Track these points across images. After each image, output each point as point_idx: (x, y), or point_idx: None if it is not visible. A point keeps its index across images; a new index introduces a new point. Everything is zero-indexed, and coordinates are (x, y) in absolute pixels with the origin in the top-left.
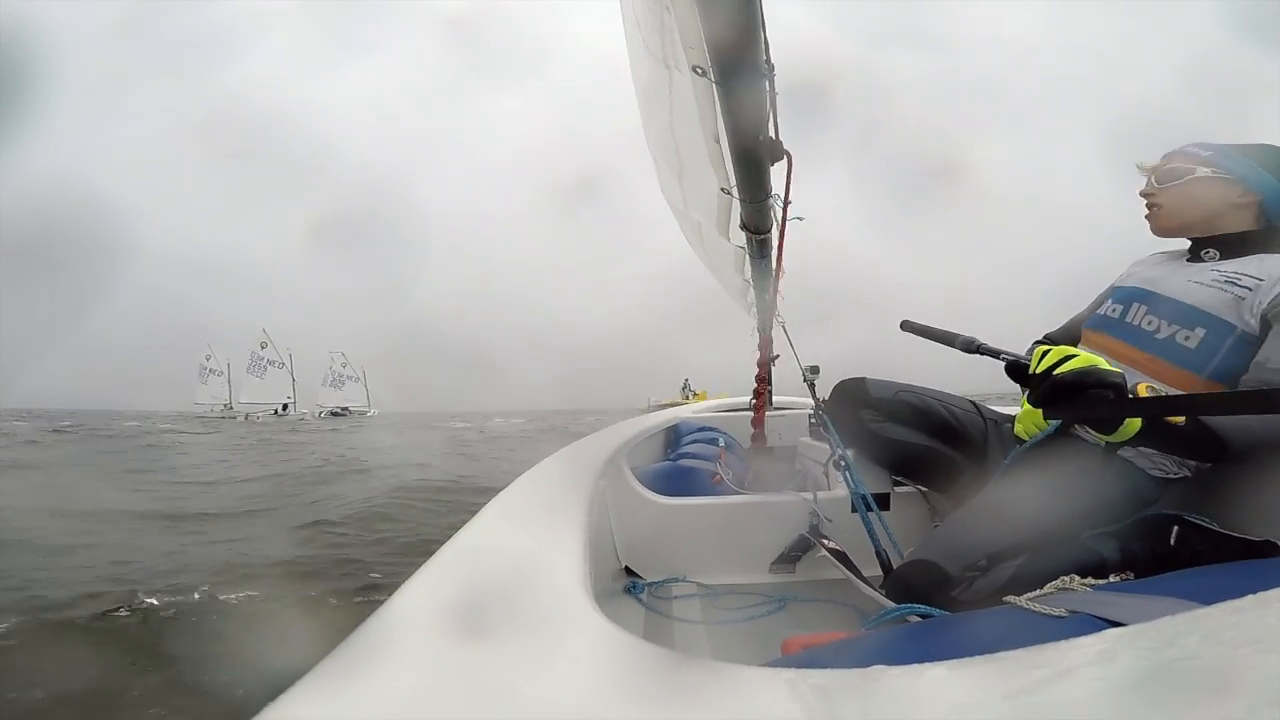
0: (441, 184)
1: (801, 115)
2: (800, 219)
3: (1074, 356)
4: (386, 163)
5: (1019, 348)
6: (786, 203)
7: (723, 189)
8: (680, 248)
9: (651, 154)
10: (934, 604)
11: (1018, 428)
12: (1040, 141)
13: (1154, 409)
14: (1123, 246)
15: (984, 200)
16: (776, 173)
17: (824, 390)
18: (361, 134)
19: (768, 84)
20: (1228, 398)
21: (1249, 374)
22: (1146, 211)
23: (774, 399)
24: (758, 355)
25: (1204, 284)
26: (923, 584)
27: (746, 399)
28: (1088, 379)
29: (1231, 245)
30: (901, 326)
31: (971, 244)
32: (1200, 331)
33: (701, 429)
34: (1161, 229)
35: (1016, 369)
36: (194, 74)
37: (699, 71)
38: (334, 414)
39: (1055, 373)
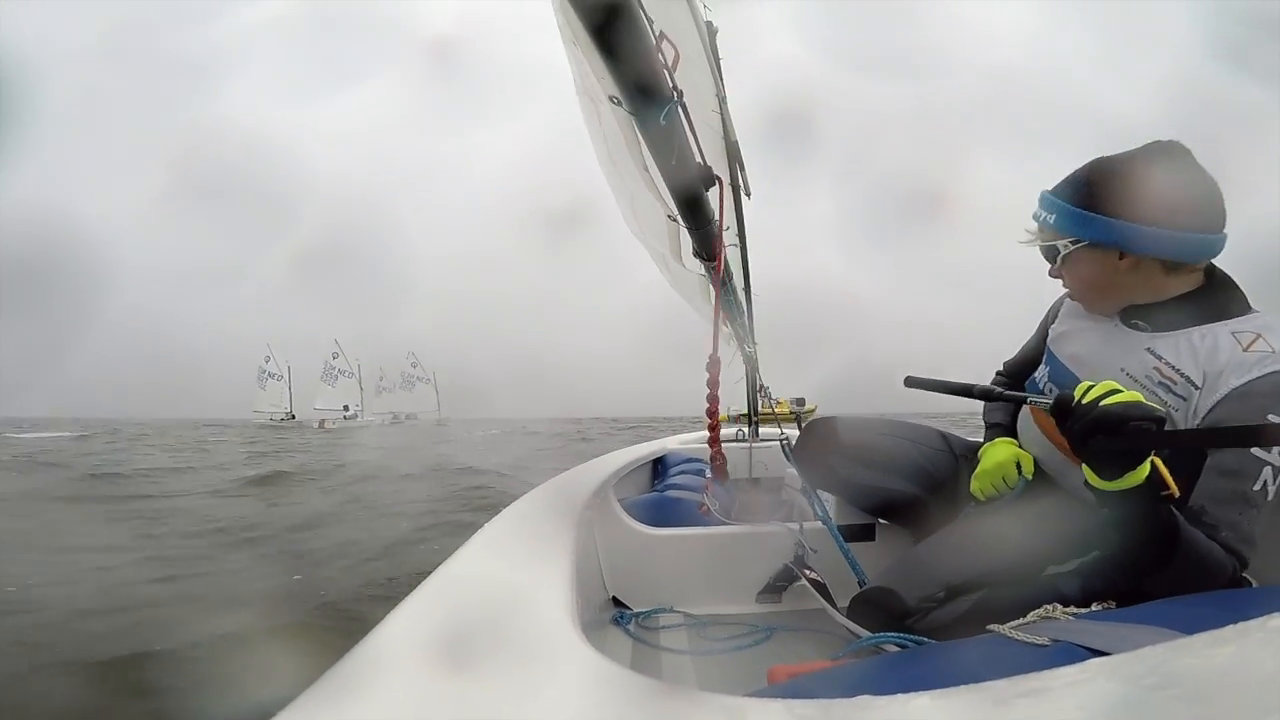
0: (440, 210)
1: (785, 144)
2: (736, 245)
3: (1119, 391)
4: (377, 191)
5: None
6: (721, 228)
7: (669, 216)
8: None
9: (609, 185)
10: (892, 630)
11: (974, 486)
12: (1024, 165)
13: (1194, 440)
14: None
15: (968, 225)
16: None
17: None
18: (347, 162)
19: (680, 110)
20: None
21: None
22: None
23: (759, 430)
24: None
25: (1138, 381)
26: (879, 611)
27: (734, 430)
28: (1133, 412)
29: (1160, 318)
30: (906, 383)
31: (957, 270)
32: None
33: (689, 460)
34: (1092, 313)
35: (1062, 405)
36: (175, 104)
37: (615, 101)
38: (401, 419)
39: (1102, 404)
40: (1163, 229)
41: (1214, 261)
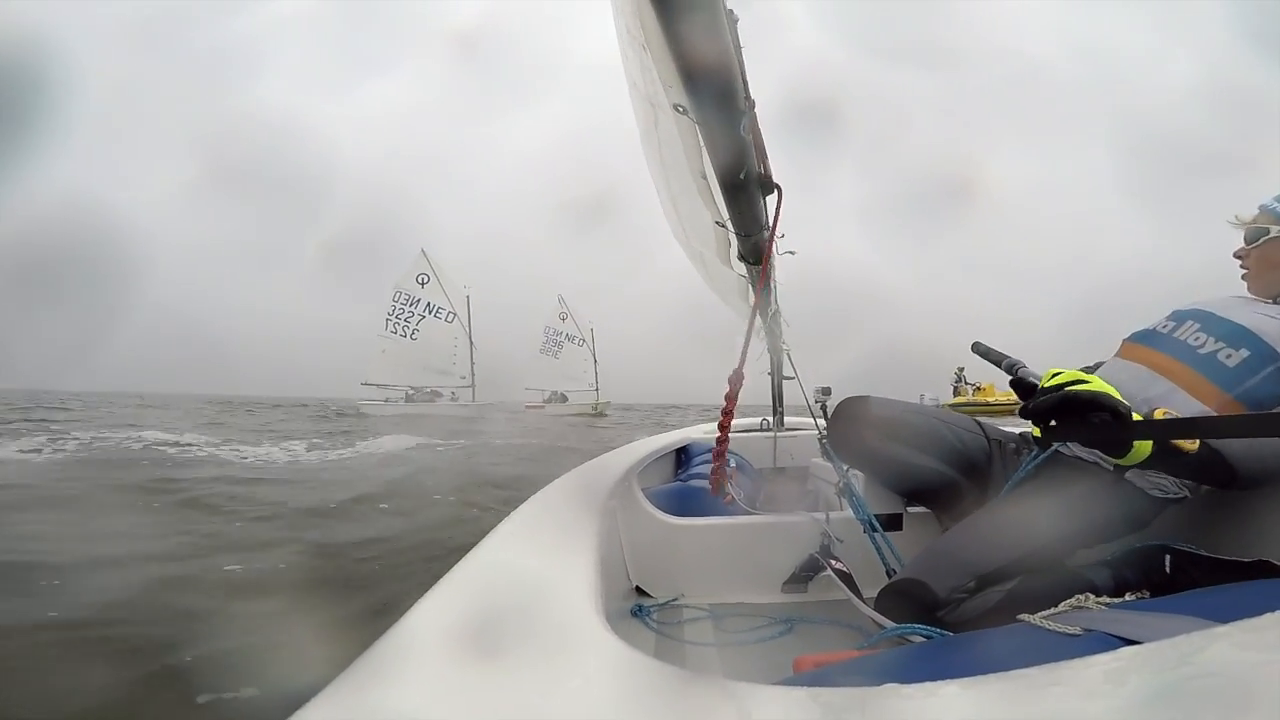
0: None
1: (809, 134)
2: (792, 253)
3: (1087, 381)
4: (406, 180)
5: (1034, 363)
6: (773, 236)
7: (717, 222)
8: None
9: (654, 184)
10: (922, 623)
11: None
12: (1052, 155)
13: (1153, 431)
14: (1135, 252)
15: (994, 215)
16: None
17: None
18: (375, 151)
19: (748, 120)
20: (1227, 421)
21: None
22: (1242, 272)
23: (785, 420)
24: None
25: (1269, 315)
26: (910, 602)
27: (758, 420)
28: (1098, 401)
29: None
30: (972, 348)
31: (982, 259)
32: (1244, 352)
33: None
34: (1253, 292)
35: (1023, 385)
36: (208, 93)
37: (680, 110)
38: (557, 397)
39: (1067, 389)
40: None
41: None
